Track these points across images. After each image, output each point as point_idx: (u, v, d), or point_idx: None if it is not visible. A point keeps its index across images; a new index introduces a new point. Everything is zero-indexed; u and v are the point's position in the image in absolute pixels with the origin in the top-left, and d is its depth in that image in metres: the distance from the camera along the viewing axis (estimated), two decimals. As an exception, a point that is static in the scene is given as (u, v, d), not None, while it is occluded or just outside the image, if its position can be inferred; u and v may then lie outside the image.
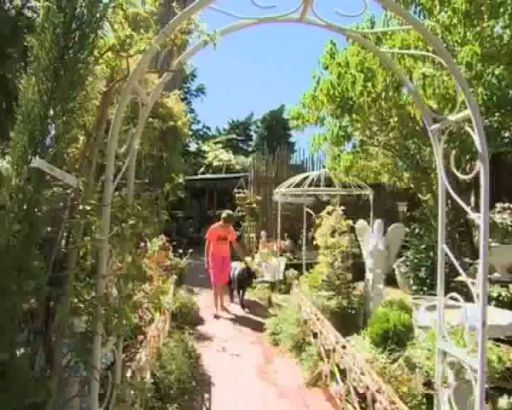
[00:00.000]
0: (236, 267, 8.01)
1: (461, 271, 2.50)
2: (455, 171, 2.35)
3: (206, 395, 4.47)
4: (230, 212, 7.96)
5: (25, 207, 1.54)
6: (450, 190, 2.45)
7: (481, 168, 2.14)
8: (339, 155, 6.69)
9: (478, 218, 2.20)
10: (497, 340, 3.60)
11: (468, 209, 2.28)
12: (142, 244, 5.44)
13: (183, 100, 10.73)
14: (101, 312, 1.76)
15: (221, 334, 6.40)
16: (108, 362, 2.90)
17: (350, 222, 5.97)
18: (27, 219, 1.58)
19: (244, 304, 7.97)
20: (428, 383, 3.58)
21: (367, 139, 7.00)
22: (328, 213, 6.13)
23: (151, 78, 3.77)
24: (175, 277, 7.03)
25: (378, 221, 5.69)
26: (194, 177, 17.83)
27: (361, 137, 6.64)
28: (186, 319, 6.41)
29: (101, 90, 1.96)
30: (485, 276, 2.19)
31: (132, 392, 2.94)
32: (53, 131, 1.64)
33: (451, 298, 2.59)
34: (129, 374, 2.91)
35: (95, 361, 1.89)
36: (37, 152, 1.47)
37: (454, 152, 2.45)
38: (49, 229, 1.91)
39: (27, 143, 1.44)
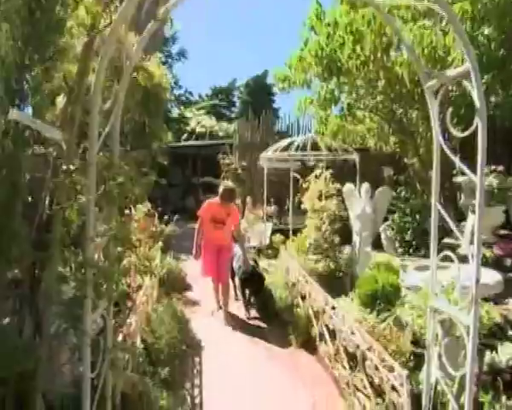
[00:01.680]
0: (239, 256, 5.82)
1: (455, 229, 2.49)
2: (451, 129, 2.29)
3: (197, 359, 4.49)
4: (231, 184, 5.82)
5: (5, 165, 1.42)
6: (446, 149, 2.40)
7: (479, 124, 2.08)
8: (326, 119, 6.60)
9: (474, 176, 2.16)
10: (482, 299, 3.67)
11: (465, 168, 2.23)
12: (127, 211, 5.32)
13: (163, 64, 10.38)
14: (91, 276, 1.68)
15: (209, 299, 6.40)
16: (98, 329, 2.85)
17: (338, 185, 5.95)
18: (8, 179, 1.47)
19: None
20: (416, 342, 3.66)
21: (354, 103, 6.92)
22: (316, 177, 6.08)
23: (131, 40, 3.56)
24: (161, 243, 6.96)
25: (366, 185, 5.67)
26: (178, 143, 17.49)
27: (348, 101, 6.54)
28: (174, 286, 6.39)
29: (83, 41, 1.81)
30: (479, 233, 2.18)
31: (124, 357, 2.91)
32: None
33: (444, 257, 2.58)
34: (119, 339, 2.86)
35: (86, 327, 1.82)
36: (14, 103, 1.34)
37: (451, 109, 2.38)
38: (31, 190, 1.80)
39: (3, 91, 1.31)
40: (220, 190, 5.52)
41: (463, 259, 2.51)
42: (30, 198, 1.75)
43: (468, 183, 6.06)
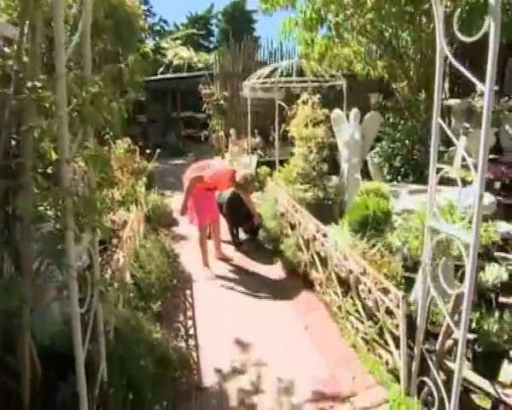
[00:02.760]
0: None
1: (456, 141, 2.36)
2: (458, 34, 2.09)
3: (188, 292, 4.49)
4: (249, 173, 5.12)
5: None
6: (451, 58, 2.21)
7: (492, 25, 1.88)
8: (312, 41, 6.22)
9: (483, 86, 1.99)
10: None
11: (474, 79, 2.04)
12: (106, 148, 5.05)
13: (134, -12, 9.56)
14: (70, 205, 1.52)
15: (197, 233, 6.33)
16: (84, 265, 2.73)
17: (326, 111, 5.72)
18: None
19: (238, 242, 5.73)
20: (406, 267, 3.68)
21: (341, 23, 6.51)
22: (304, 103, 5.82)
23: None
24: (144, 179, 6.75)
25: (354, 110, 5.45)
26: (154, 77, 16.61)
27: (336, 19, 6.13)
28: (160, 221, 6.29)
29: None
30: (486, 147, 2.05)
31: (114, 292, 2.84)
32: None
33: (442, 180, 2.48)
34: (108, 274, 2.77)
35: (70, 261, 1.68)
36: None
37: (458, 11, 2.16)
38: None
39: None
40: (239, 178, 4.91)
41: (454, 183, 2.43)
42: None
43: (460, 105, 5.92)
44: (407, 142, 5.88)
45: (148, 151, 7.94)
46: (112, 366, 2.46)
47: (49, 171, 1.71)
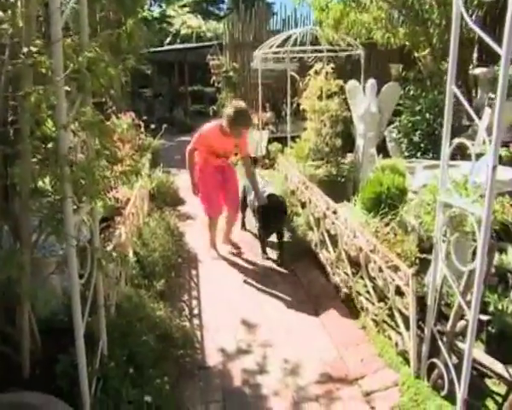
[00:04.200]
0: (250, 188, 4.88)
1: (473, 115, 2.37)
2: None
3: (194, 272, 4.60)
4: (241, 105, 4.37)
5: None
6: (467, 19, 2.21)
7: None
8: (327, 6, 6.17)
9: (500, 50, 1.99)
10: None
11: (493, 44, 2.03)
12: (109, 123, 5.13)
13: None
14: (68, 172, 1.60)
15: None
16: (85, 240, 2.84)
17: (340, 82, 5.69)
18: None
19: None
20: (422, 248, 3.71)
21: (360, -14, 6.44)
22: (316, 73, 5.79)
23: None
24: (149, 156, 6.86)
25: (371, 80, 5.41)
26: (161, 48, 16.60)
27: (353, -18, 6.06)
28: (165, 200, 6.40)
29: None
30: (501, 111, 2.07)
31: (115, 267, 2.95)
32: None
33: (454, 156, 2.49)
34: (110, 248, 2.87)
35: (69, 230, 1.78)
36: None
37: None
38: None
39: None
40: (228, 112, 4.28)
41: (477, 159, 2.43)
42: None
43: (486, 73, 5.82)
44: (428, 115, 5.83)
45: (153, 127, 8.04)
46: (113, 340, 2.59)
47: (46, 139, 1.80)
